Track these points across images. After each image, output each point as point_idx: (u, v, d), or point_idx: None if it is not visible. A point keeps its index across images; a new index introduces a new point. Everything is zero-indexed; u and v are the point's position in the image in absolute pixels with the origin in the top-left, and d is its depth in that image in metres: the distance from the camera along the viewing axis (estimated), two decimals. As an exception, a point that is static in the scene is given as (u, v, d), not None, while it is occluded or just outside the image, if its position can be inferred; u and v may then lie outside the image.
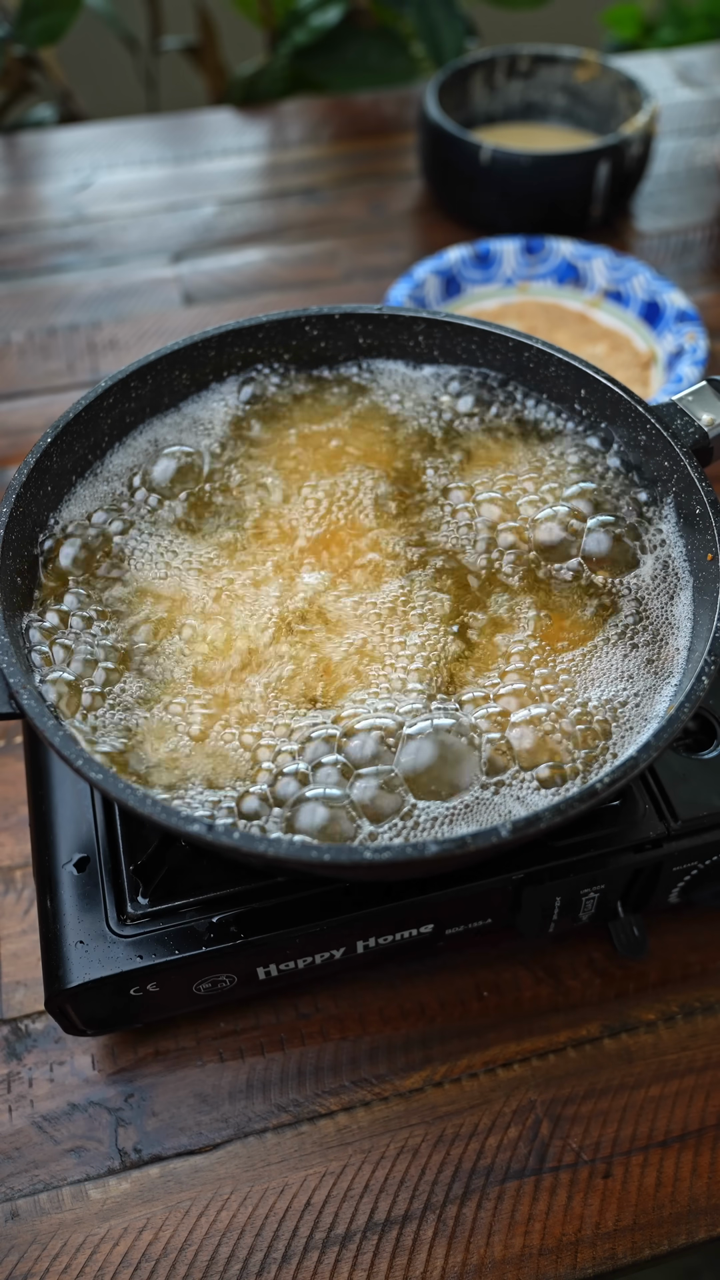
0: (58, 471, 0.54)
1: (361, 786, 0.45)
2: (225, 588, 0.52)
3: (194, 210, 1.11)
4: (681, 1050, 0.57)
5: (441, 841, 0.39)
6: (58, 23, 1.23)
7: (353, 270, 1.03)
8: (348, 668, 0.49)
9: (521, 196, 1.01)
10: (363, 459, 0.58)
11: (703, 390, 0.54)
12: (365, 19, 1.33)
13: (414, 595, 0.52)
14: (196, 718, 0.47)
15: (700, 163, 1.16)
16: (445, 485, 0.56)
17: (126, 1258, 0.51)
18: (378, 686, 0.49)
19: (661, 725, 0.43)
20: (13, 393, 0.93)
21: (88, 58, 1.80)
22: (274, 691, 0.48)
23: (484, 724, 0.47)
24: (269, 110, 1.24)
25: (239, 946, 0.49)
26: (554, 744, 0.47)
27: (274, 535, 0.54)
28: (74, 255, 1.05)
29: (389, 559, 0.53)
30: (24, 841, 0.65)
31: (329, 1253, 0.51)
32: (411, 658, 0.49)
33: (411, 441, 0.58)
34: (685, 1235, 0.52)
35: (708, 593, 0.49)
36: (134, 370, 0.56)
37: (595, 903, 0.55)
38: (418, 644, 0.50)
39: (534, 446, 0.58)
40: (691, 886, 0.57)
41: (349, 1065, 0.57)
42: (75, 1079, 0.56)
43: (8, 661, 0.44)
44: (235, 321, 0.58)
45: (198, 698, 0.48)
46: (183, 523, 0.55)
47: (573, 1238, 0.52)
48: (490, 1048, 0.57)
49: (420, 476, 0.57)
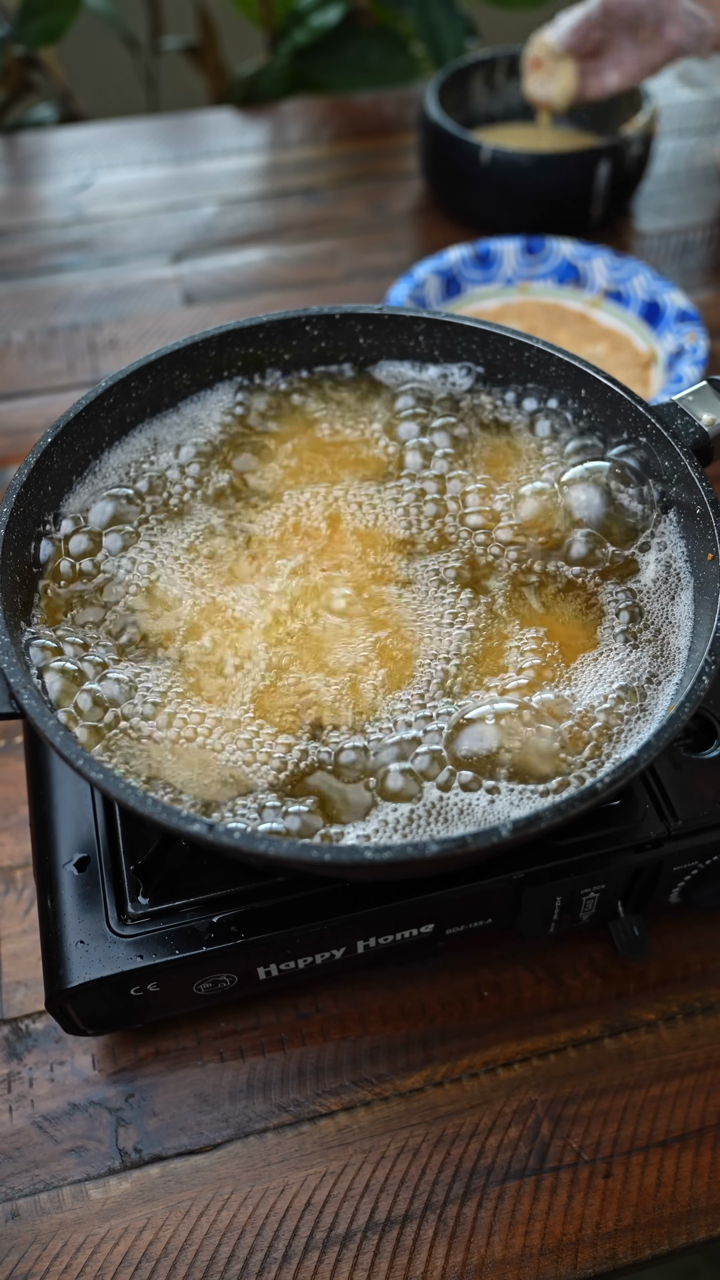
0: (58, 471, 0.54)
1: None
2: (225, 589, 0.52)
3: (194, 210, 1.11)
4: (682, 1050, 0.57)
5: (442, 841, 0.39)
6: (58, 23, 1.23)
7: (353, 270, 1.03)
8: (345, 672, 0.49)
9: (521, 196, 1.01)
10: (361, 460, 0.58)
11: (703, 390, 0.54)
12: (365, 19, 1.33)
13: (414, 598, 0.52)
14: (196, 719, 0.47)
15: (700, 163, 1.16)
16: (444, 486, 0.56)
17: (127, 1257, 0.51)
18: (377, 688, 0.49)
19: (662, 725, 0.43)
20: (13, 393, 0.93)
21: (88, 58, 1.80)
22: (270, 697, 0.48)
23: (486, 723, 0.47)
24: (269, 110, 1.24)
25: (239, 946, 0.49)
26: (554, 744, 0.47)
27: (272, 537, 0.54)
28: (74, 255, 1.06)
29: (388, 562, 0.53)
30: (24, 841, 0.65)
31: (329, 1252, 0.51)
32: (413, 660, 0.49)
33: (411, 442, 0.58)
34: (686, 1235, 0.52)
35: (708, 593, 0.49)
36: (134, 370, 0.56)
37: (596, 902, 0.55)
38: (419, 645, 0.50)
39: (534, 447, 0.58)
40: (692, 886, 0.57)
41: (349, 1065, 0.57)
42: (76, 1079, 0.56)
43: (8, 661, 0.44)
44: (235, 321, 0.58)
45: (195, 700, 0.48)
46: (182, 525, 0.55)
47: (573, 1237, 0.52)
48: (491, 1047, 0.57)
49: (419, 478, 0.57)
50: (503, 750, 0.46)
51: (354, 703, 0.48)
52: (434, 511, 0.55)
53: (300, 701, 0.48)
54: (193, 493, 0.56)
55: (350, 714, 0.48)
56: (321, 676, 0.49)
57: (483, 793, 0.45)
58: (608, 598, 0.52)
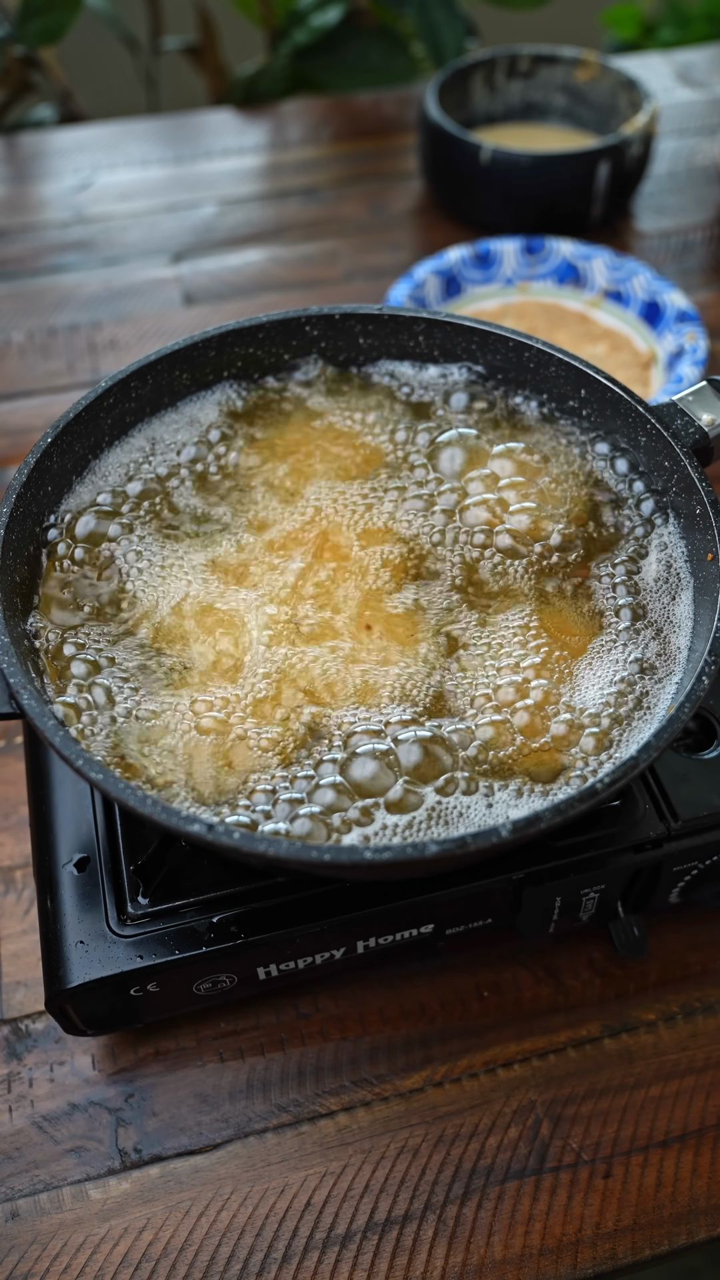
0: (58, 472, 0.53)
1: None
2: (225, 590, 0.52)
3: (194, 210, 1.11)
4: (681, 1050, 0.57)
5: (441, 841, 0.39)
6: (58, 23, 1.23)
7: (353, 270, 1.03)
8: (345, 673, 0.49)
9: (522, 197, 1.01)
10: (361, 461, 0.58)
11: (703, 390, 0.54)
12: (365, 19, 1.33)
13: (414, 599, 0.52)
14: (196, 721, 0.47)
15: (700, 163, 1.16)
16: (443, 488, 0.56)
17: (127, 1258, 0.51)
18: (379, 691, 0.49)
19: (662, 725, 0.43)
20: (13, 393, 0.93)
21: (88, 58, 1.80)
22: (267, 699, 0.48)
23: (486, 724, 0.47)
24: (269, 110, 1.24)
25: (239, 946, 0.49)
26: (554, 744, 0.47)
27: (273, 538, 0.54)
28: (74, 255, 1.06)
29: (388, 561, 0.53)
30: (24, 841, 0.65)
31: (329, 1253, 0.51)
32: (413, 661, 0.49)
33: (411, 443, 0.58)
34: (685, 1235, 0.52)
35: (708, 593, 0.49)
36: (134, 370, 0.56)
37: (595, 903, 0.55)
38: (420, 647, 0.50)
39: (532, 447, 0.58)
40: (692, 886, 0.57)
41: (349, 1065, 0.57)
42: (75, 1079, 0.56)
43: (8, 662, 0.44)
44: (235, 322, 0.58)
45: (192, 700, 0.48)
46: (182, 526, 0.55)
47: (573, 1238, 0.52)
48: (490, 1048, 0.57)
49: (418, 480, 0.57)
50: (502, 750, 0.46)
51: (354, 703, 0.48)
52: (433, 512, 0.55)
53: (300, 700, 0.48)
54: (193, 493, 0.56)
55: (349, 716, 0.48)
56: (322, 677, 0.49)
57: (480, 795, 0.45)
58: (607, 598, 0.52)
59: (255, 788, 0.45)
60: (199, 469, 0.57)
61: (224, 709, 0.48)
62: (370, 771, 0.46)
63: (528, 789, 0.45)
